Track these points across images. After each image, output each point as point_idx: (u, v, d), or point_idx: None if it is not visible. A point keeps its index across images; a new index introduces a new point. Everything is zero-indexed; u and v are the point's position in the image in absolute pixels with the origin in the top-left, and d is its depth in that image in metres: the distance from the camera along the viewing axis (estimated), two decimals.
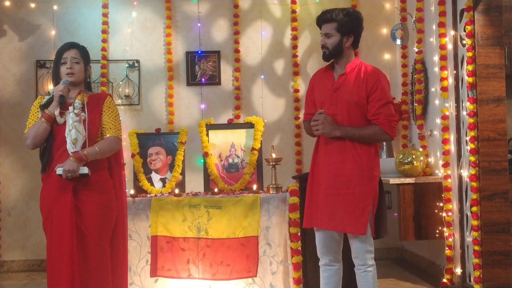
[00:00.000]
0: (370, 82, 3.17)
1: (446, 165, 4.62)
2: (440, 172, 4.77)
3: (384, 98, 3.16)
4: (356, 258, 3.20)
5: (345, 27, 3.20)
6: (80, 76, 3.31)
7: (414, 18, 5.19)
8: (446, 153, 4.63)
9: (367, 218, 3.12)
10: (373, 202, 3.17)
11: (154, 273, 4.18)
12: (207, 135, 4.56)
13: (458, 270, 4.50)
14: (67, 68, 3.27)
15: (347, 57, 3.26)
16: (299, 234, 4.13)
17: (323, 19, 3.25)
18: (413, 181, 4.70)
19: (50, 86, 3.59)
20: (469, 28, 4.24)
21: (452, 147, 4.59)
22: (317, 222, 3.22)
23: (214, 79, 5.81)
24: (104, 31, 5.73)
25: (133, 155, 4.49)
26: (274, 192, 4.24)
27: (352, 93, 3.18)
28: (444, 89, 4.65)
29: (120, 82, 5.74)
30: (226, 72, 5.85)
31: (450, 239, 4.57)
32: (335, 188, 3.16)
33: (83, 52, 3.34)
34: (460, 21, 4.44)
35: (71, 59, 3.27)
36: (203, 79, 5.80)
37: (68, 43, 3.37)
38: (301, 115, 5.58)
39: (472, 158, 4.22)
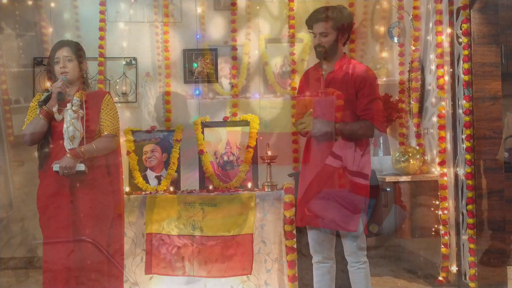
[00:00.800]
0: (358, 78, 3.19)
1: (442, 163, 4.62)
2: (436, 170, 4.77)
3: (373, 94, 3.18)
4: (349, 256, 3.21)
5: (341, 25, 3.21)
6: (75, 73, 3.31)
7: (411, 16, 5.18)
8: (442, 151, 4.62)
9: (359, 215, 3.13)
10: (365, 200, 3.18)
11: (149, 270, 4.18)
12: (203, 132, 4.56)
13: (454, 268, 4.50)
14: (61, 67, 3.28)
15: (338, 55, 3.28)
16: (294, 231, 4.13)
17: (316, 18, 3.25)
18: (410, 179, 4.70)
19: (48, 84, 3.60)
20: (465, 26, 4.24)
21: (448, 145, 4.59)
22: (310, 220, 3.23)
23: (211, 77, 5.81)
24: (101, 29, 5.72)
25: (128, 153, 4.49)
26: (269, 190, 4.24)
27: (341, 90, 3.19)
28: (440, 87, 4.65)
29: (117, 80, 5.74)
30: (224, 70, 5.84)
31: (446, 237, 4.57)
32: (327, 186, 3.17)
33: (76, 49, 3.34)
34: (456, 19, 4.44)
35: (63, 58, 3.29)
36: (200, 77, 5.79)
37: (60, 41, 3.38)
38: None
39: (468, 156, 4.22)
